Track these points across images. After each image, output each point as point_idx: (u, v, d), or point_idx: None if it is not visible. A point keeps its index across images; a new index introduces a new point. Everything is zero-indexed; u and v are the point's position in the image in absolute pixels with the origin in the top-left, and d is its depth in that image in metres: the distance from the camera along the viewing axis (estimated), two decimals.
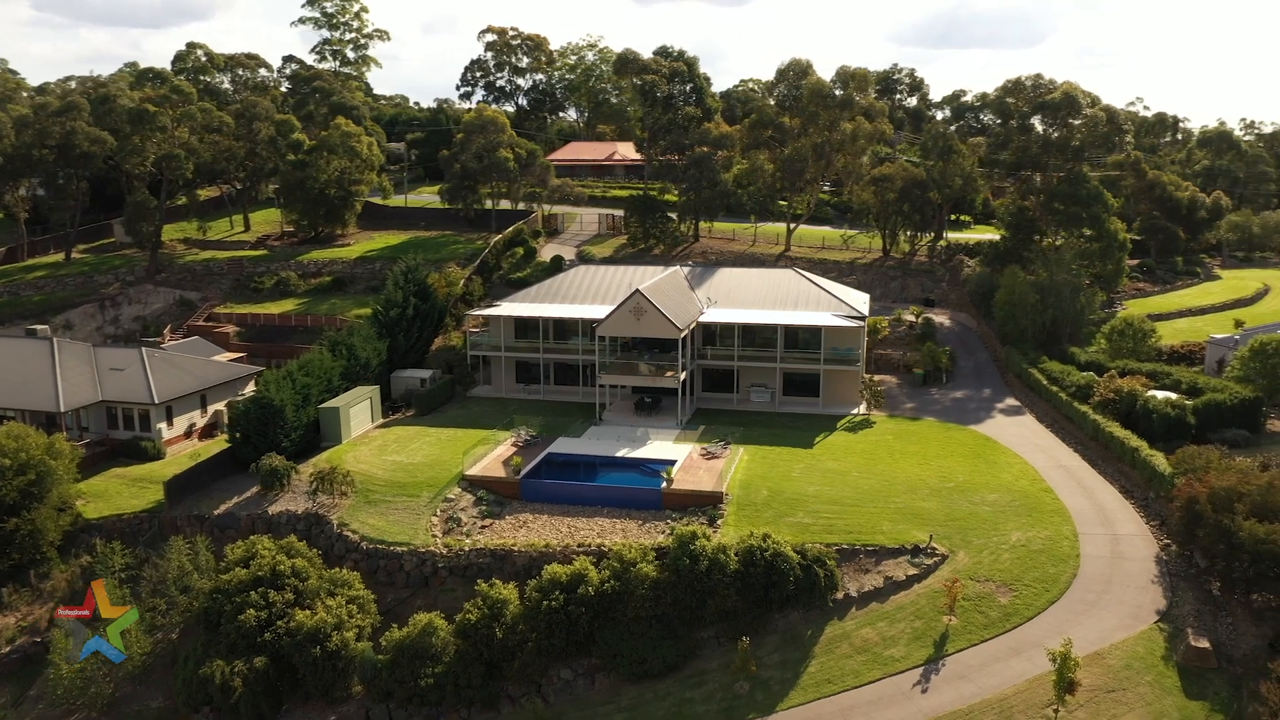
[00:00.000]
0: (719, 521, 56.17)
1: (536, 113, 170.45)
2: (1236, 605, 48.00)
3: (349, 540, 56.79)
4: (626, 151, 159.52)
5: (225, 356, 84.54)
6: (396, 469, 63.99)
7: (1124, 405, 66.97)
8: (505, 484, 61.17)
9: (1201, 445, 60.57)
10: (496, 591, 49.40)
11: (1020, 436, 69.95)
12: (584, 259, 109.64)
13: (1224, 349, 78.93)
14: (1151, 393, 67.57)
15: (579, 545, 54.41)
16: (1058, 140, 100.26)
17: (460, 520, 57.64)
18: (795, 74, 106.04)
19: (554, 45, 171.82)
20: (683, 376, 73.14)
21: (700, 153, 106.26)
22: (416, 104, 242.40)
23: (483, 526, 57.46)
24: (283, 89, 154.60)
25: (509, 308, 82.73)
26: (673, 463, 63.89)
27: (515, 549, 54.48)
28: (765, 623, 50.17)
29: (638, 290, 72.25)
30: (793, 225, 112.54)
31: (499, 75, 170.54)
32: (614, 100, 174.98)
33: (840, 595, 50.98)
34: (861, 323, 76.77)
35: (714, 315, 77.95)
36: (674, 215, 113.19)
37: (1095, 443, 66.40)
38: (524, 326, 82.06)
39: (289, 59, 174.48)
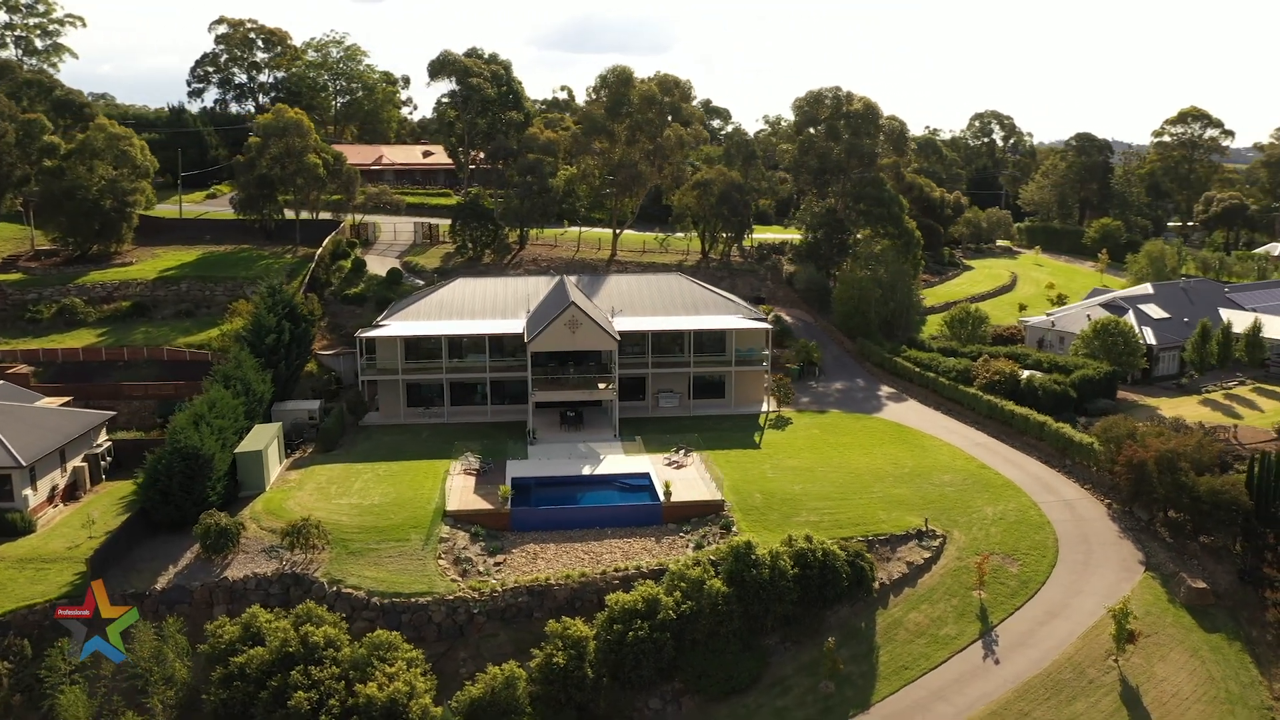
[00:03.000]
0: (734, 529, 56.73)
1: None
2: (1195, 548, 56.56)
3: (354, 598, 50.75)
4: (394, 155, 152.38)
5: (53, 401, 70.97)
6: (361, 513, 57.82)
7: (1008, 385, 75.55)
8: (494, 516, 57.52)
9: (1083, 415, 70.56)
10: (576, 630, 46.71)
11: (923, 420, 76.56)
12: (412, 270, 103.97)
13: (1041, 331, 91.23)
14: (1027, 372, 76.83)
15: (616, 570, 52.67)
16: (859, 147, 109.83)
17: (470, 560, 53.50)
18: (619, 81, 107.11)
19: (295, 41, 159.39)
20: (615, 387, 72.36)
21: (532, 159, 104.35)
22: (91, 96, 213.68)
23: (496, 564, 53.78)
24: None
25: (399, 327, 76.90)
26: (645, 475, 63.60)
27: (553, 583, 51.63)
28: (820, 621, 51.68)
29: (572, 303, 70.40)
30: (618, 230, 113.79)
31: (235, 71, 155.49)
32: (364, 101, 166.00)
33: (877, 585, 53.63)
34: (766, 324, 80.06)
35: (625, 324, 77.55)
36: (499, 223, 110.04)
37: (991, 420, 74.33)
38: (415, 347, 76.69)
39: None
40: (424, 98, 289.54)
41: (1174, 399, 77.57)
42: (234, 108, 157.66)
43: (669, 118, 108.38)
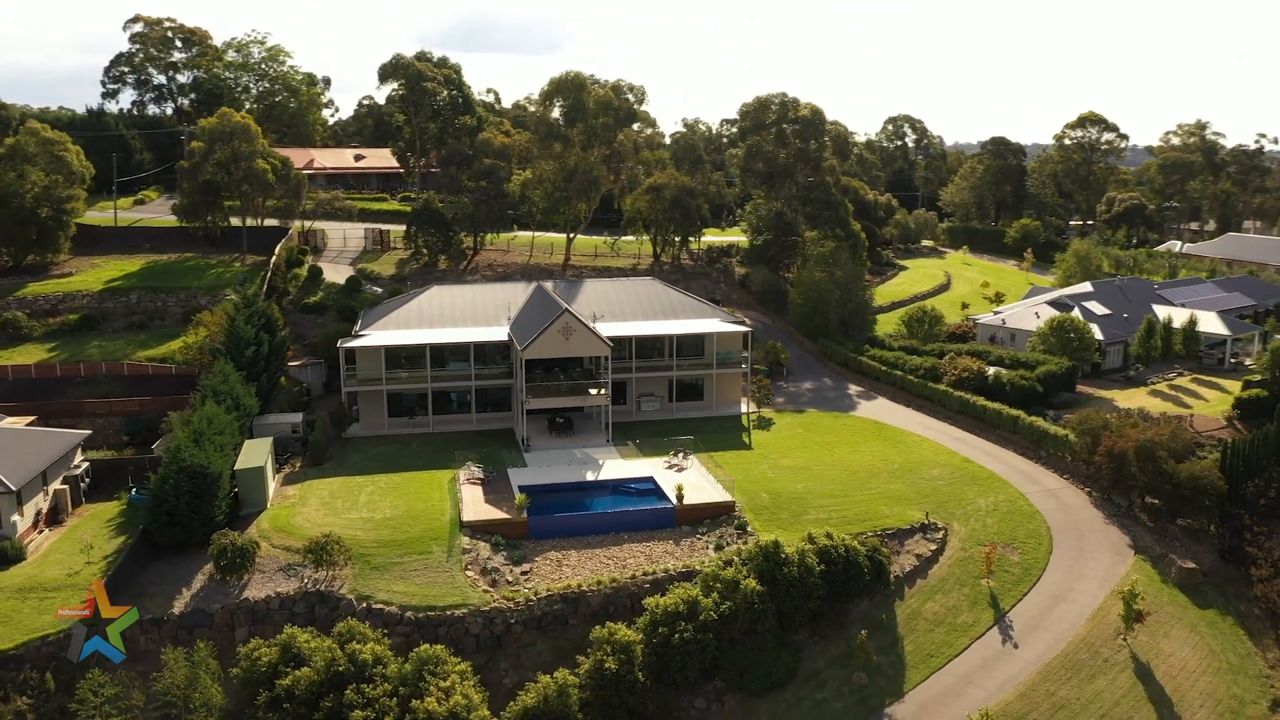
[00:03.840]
0: (749, 529, 58.11)
1: (204, 115, 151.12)
2: (1175, 531, 60.42)
3: (387, 613, 50.18)
4: (325, 159, 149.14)
5: (18, 421, 67.59)
6: (376, 527, 57.05)
7: (975, 381, 78.95)
8: (511, 525, 57.48)
9: (1049, 408, 74.53)
10: (623, 635, 47.27)
11: (897, 417, 79.31)
12: (368, 278, 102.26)
13: (992, 328, 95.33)
14: (993, 369, 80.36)
15: (644, 574, 53.42)
16: (807, 152, 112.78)
17: (498, 569, 53.46)
18: (573, 87, 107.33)
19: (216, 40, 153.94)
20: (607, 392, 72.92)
21: (489, 164, 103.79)
22: None
23: (523, 573, 53.83)
24: None
25: (379, 336, 75.81)
26: (649, 479, 64.39)
27: (586, 589, 52.05)
28: (845, 615, 53.43)
29: (567, 310, 70.68)
30: (572, 235, 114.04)
31: (154, 72, 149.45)
32: (290, 104, 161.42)
33: (892, 578, 55.67)
34: (746, 327, 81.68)
35: (608, 328, 77.88)
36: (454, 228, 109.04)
37: (963, 415, 77.58)
38: (395, 356, 75.61)
39: None
40: (345, 98, 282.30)
41: (1125, 391, 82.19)
42: (152, 109, 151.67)
43: (621, 122, 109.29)
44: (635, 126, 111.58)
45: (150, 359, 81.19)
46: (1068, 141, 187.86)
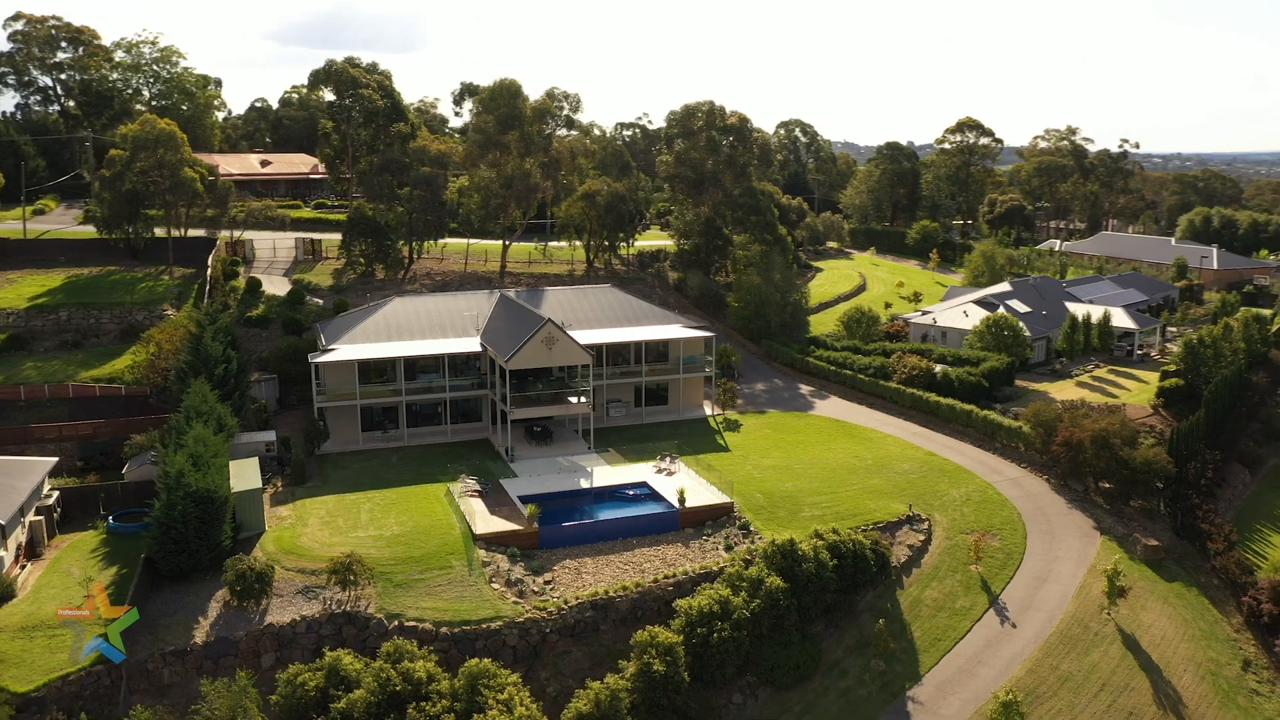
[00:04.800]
0: (752, 529, 60.38)
1: (94, 119, 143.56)
2: (1131, 512, 65.83)
3: (421, 630, 50.14)
4: (230, 165, 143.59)
5: None
6: (388, 544, 56.59)
7: (924, 379, 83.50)
8: (523, 536, 58.00)
9: (996, 402, 79.67)
10: (664, 637, 48.68)
11: (854, 415, 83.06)
12: (306, 289, 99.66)
13: (924, 327, 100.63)
14: (940, 366, 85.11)
15: (666, 578, 54.95)
16: (735, 159, 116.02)
17: (522, 580, 54.04)
18: (508, 94, 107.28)
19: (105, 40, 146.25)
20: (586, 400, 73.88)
21: (427, 172, 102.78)
22: None
23: (546, 582, 54.57)
24: None
25: (350, 350, 74.61)
26: (644, 484, 65.88)
27: (614, 595, 53.22)
28: (854, 606, 56.34)
29: (549, 320, 71.33)
30: (509, 241, 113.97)
31: (39, 73, 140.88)
32: (184, 107, 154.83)
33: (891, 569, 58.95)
34: (709, 332, 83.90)
35: (579, 337, 78.84)
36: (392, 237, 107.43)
37: (915, 411, 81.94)
38: (365, 370, 74.61)
39: None
40: (237, 100, 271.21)
41: (1055, 383, 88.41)
42: (36, 112, 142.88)
43: (558, 129, 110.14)
44: (574, 133, 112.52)
45: (95, 379, 77.33)
46: (948, 145, 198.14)
